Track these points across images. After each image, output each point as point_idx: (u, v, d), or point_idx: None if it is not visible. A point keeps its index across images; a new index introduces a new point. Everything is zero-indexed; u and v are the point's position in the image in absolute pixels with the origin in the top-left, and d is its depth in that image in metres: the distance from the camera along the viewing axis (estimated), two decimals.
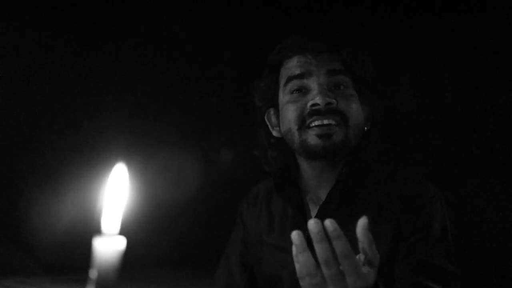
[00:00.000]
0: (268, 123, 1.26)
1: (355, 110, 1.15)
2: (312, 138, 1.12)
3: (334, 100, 1.11)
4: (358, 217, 1.14)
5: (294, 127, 1.15)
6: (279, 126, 1.22)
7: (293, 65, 1.18)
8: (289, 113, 1.16)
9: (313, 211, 1.19)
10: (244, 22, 2.93)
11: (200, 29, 2.97)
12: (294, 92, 1.16)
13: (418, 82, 2.56)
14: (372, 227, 1.12)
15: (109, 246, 0.52)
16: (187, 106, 2.97)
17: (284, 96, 1.19)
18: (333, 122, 1.11)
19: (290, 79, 1.17)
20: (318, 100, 1.11)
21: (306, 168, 1.21)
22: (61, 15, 2.69)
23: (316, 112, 1.11)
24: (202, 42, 2.98)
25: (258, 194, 1.33)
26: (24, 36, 2.60)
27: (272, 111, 1.25)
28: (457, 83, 2.48)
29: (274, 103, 1.23)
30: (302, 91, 1.15)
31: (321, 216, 1.16)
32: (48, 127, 2.65)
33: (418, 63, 2.58)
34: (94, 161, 2.48)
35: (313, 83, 1.14)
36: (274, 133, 1.24)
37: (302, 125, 1.13)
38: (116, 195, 0.56)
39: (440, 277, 1.06)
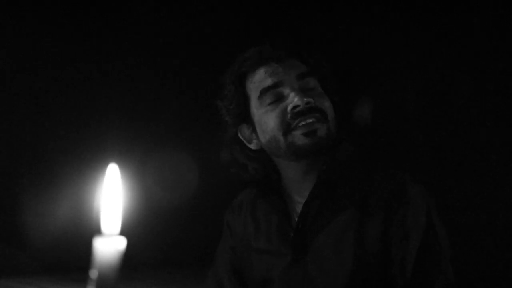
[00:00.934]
0: (243, 139, 1.26)
1: (328, 106, 1.18)
2: (299, 138, 1.15)
3: (311, 99, 1.15)
4: (341, 214, 1.16)
5: (279, 133, 1.17)
6: (257, 139, 1.23)
7: (261, 77, 1.20)
8: (270, 121, 1.18)
9: (297, 214, 1.21)
10: (243, 23, 2.93)
11: (198, 30, 2.97)
12: (271, 103, 1.18)
13: (415, 81, 2.56)
14: (357, 224, 1.14)
15: (109, 246, 0.52)
16: (185, 106, 2.97)
17: (259, 109, 1.20)
18: (314, 120, 1.14)
19: (264, 91, 1.19)
20: (297, 101, 1.14)
21: (289, 172, 1.23)
22: (58, 16, 2.69)
23: (298, 114, 1.14)
24: (200, 42, 2.98)
25: (242, 202, 1.35)
26: (21, 38, 2.60)
27: (245, 126, 1.25)
28: (454, 82, 2.48)
29: (245, 118, 1.24)
30: (277, 100, 1.17)
31: (305, 216, 1.18)
32: (47, 128, 2.66)
33: (414, 63, 2.58)
34: (94, 161, 2.48)
35: (286, 90, 1.17)
36: (252, 147, 1.25)
37: (287, 129, 1.15)
38: (112, 195, 0.57)
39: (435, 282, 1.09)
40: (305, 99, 1.14)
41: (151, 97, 2.91)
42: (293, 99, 1.15)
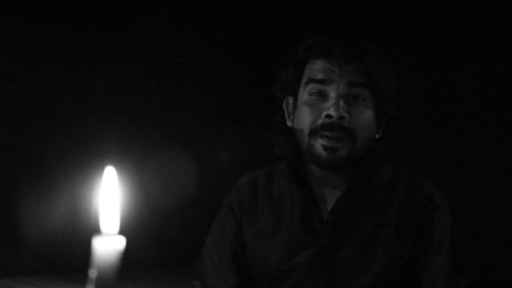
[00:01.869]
0: (285, 110, 1.28)
1: (365, 125, 1.17)
2: (318, 147, 1.15)
3: (347, 114, 1.14)
4: (373, 215, 1.18)
5: (306, 131, 1.18)
6: (293, 117, 1.24)
7: (317, 68, 1.20)
8: (305, 115, 1.18)
9: (324, 204, 1.21)
10: (243, 24, 2.93)
11: (197, 31, 2.97)
12: (313, 94, 1.18)
13: (420, 80, 2.56)
14: (389, 228, 1.15)
15: (108, 245, 0.52)
16: (183, 107, 2.97)
17: (303, 95, 1.21)
18: (340, 138, 1.14)
19: (311, 81, 1.20)
20: (332, 112, 1.13)
21: (311, 166, 1.24)
22: (55, 17, 2.69)
23: (327, 126, 1.14)
24: (199, 43, 2.98)
25: (255, 186, 1.31)
26: (19, 39, 2.60)
27: (290, 100, 1.27)
28: (459, 82, 2.48)
29: (294, 94, 1.25)
30: (321, 95, 1.17)
31: (337, 211, 1.19)
32: (46, 129, 2.66)
33: (420, 62, 2.58)
34: (93, 161, 2.48)
35: (332, 91, 1.16)
36: (288, 123, 1.26)
37: (314, 132, 1.16)
38: (110, 196, 0.57)
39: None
40: (340, 111, 1.13)
41: (150, 98, 2.91)
42: (330, 107, 1.14)
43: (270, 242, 1.23)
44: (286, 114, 1.27)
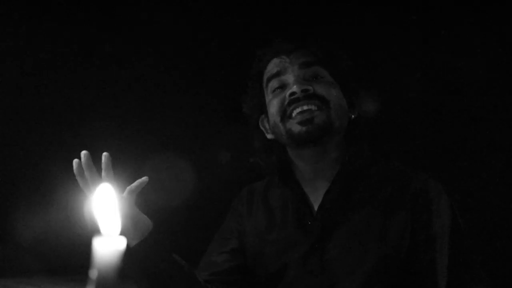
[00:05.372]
0: (263, 129, 1.30)
1: (335, 94, 1.20)
2: (294, 126, 1.18)
3: (310, 87, 1.18)
4: (364, 208, 1.17)
5: (278, 119, 1.21)
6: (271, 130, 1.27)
7: (270, 67, 1.27)
8: (272, 108, 1.23)
9: (315, 202, 1.22)
10: (243, 24, 2.93)
11: (198, 31, 2.97)
12: (275, 90, 1.21)
13: (416, 76, 2.55)
14: (380, 220, 1.14)
15: (109, 246, 0.52)
16: (183, 108, 2.97)
17: (267, 96, 1.24)
18: (312, 107, 1.17)
19: (269, 79, 1.25)
20: (294, 88, 1.17)
21: (300, 163, 1.26)
22: (56, 19, 2.69)
23: (294, 101, 1.17)
24: (196, 46, 2.97)
25: (253, 190, 1.37)
26: (18, 42, 2.60)
27: (264, 117, 1.29)
28: (456, 78, 2.48)
29: (263, 109, 1.28)
30: (282, 87, 1.21)
31: (325, 206, 1.19)
32: (47, 130, 2.66)
33: (415, 58, 2.58)
34: (94, 162, 2.47)
35: (289, 78, 1.20)
36: (269, 136, 1.29)
37: (284, 116, 1.19)
38: (108, 203, 0.57)
39: (468, 277, 1.09)
40: (302, 86, 1.16)
41: (151, 99, 2.91)
42: (291, 86, 1.17)
43: (264, 241, 1.25)
44: (265, 131, 1.29)
